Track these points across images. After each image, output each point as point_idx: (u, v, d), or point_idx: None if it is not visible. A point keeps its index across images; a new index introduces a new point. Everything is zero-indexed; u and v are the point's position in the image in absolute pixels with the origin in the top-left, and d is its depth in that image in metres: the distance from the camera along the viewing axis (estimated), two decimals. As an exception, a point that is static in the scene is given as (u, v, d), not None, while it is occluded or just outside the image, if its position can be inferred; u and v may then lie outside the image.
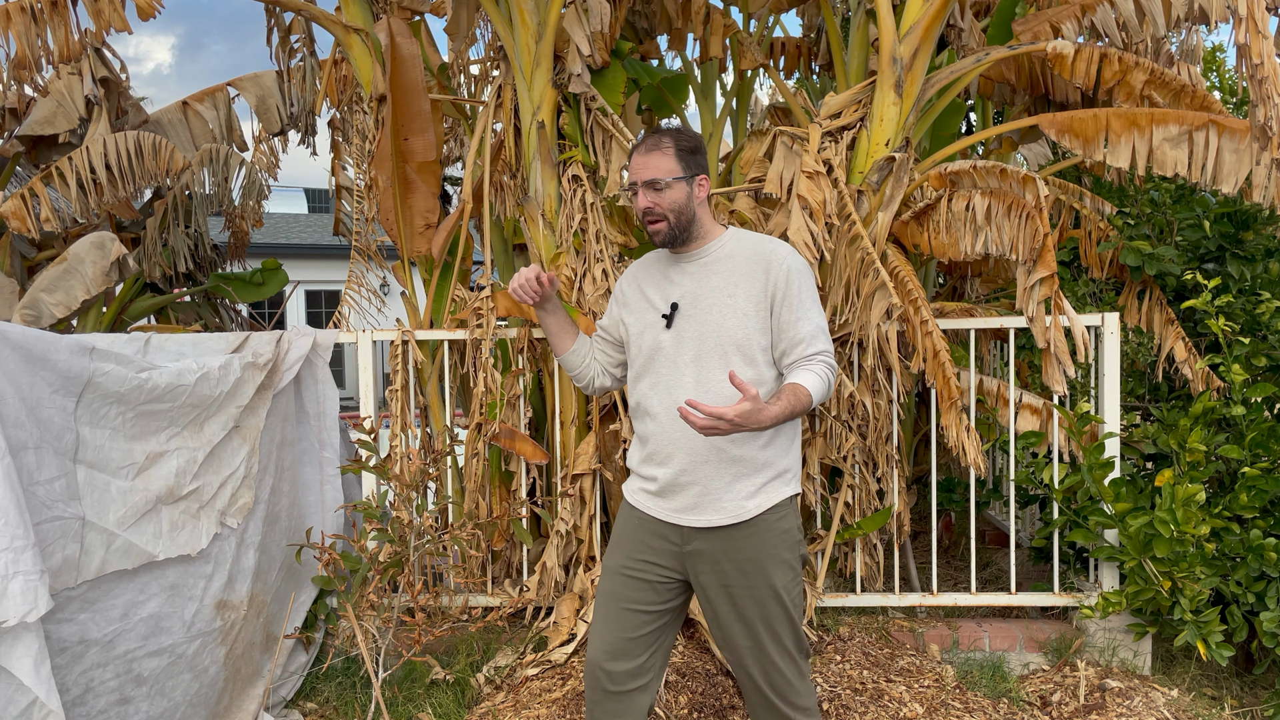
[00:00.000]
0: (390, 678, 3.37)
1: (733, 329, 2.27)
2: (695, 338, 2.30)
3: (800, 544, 2.36)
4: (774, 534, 2.29)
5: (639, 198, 2.31)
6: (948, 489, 4.54)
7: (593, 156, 3.94)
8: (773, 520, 2.29)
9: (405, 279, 4.26)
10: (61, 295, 4.81)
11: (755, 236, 2.37)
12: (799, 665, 2.35)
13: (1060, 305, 3.25)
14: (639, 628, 2.34)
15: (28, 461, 2.35)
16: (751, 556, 2.28)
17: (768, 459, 2.29)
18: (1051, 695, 3.33)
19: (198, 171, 5.47)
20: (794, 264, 2.29)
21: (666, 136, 2.31)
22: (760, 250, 2.32)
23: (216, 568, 2.96)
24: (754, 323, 2.27)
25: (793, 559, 2.32)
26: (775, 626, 2.30)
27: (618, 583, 2.38)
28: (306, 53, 5.14)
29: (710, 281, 2.32)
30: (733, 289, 2.29)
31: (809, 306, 2.29)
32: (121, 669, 2.65)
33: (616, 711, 2.35)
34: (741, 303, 2.28)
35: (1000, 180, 3.48)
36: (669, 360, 2.33)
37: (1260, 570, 3.29)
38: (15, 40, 4.44)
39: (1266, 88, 2.89)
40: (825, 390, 2.25)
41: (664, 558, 2.35)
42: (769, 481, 2.30)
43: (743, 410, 2.04)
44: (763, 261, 2.29)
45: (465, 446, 3.85)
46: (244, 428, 3.14)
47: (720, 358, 2.27)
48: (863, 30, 4.32)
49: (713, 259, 2.34)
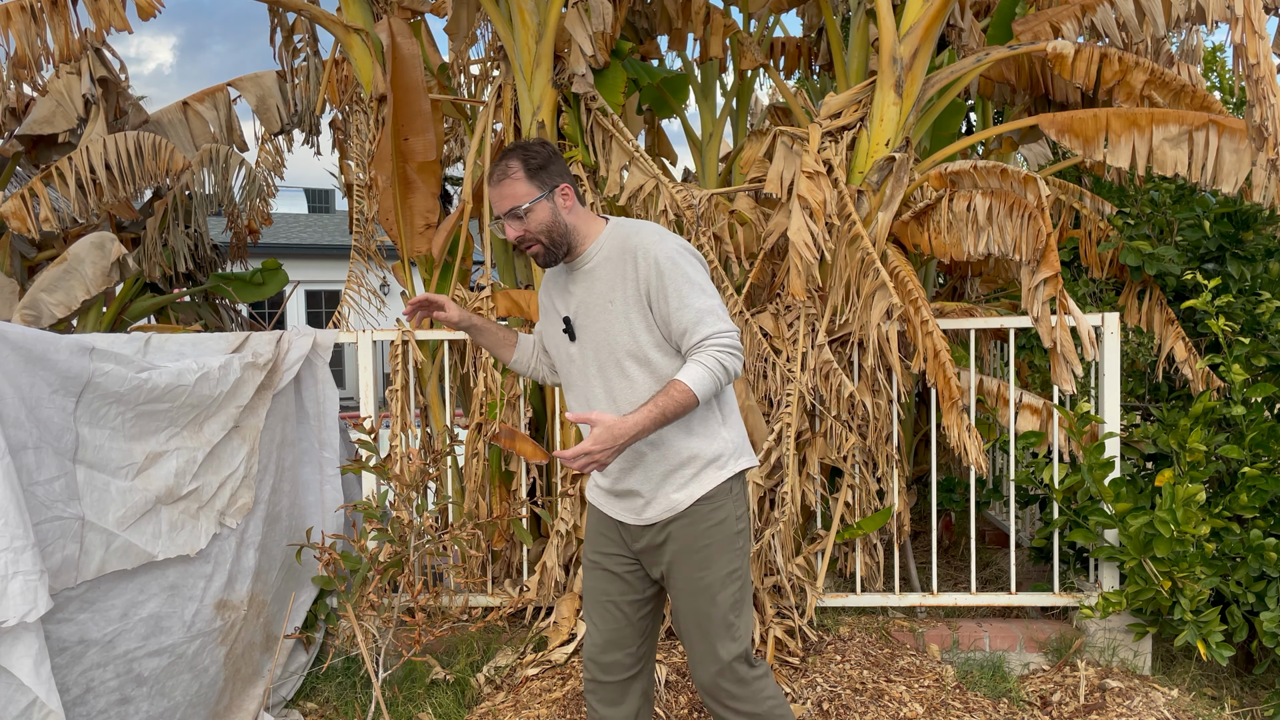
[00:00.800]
0: (390, 678, 3.37)
1: (619, 336, 2.25)
2: (594, 348, 2.30)
3: (739, 535, 2.31)
4: (707, 524, 2.26)
5: (506, 230, 2.27)
6: (948, 489, 4.54)
7: (593, 156, 3.94)
8: (705, 511, 2.26)
9: (405, 279, 4.26)
10: (61, 295, 4.81)
11: (626, 229, 2.28)
12: (735, 671, 2.27)
13: (1065, 305, 3.25)
14: (621, 619, 2.39)
15: (27, 461, 2.35)
16: (684, 547, 2.27)
17: (693, 450, 2.25)
18: (1051, 695, 3.33)
19: (198, 171, 5.47)
20: (660, 251, 2.19)
21: (513, 160, 2.24)
22: (628, 245, 2.24)
23: (216, 568, 2.96)
24: (638, 324, 2.23)
25: (727, 551, 2.28)
26: (706, 626, 2.27)
27: (592, 576, 2.44)
28: (310, 53, 5.14)
29: (595, 289, 2.28)
30: (611, 293, 2.25)
31: (686, 292, 2.17)
32: (121, 669, 2.65)
33: (612, 699, 2.40)
34: (620, 306, 2.24)
35: (1001, 180, 3.48)
36: (580, 371, 2.35)
37: (1260, 570, 3.29)
38: (15, 39, 4.44)
39: (1263, 88, 2.89)
40: (711, 378, 2.15)
41: (623, 549, 2.39)
42: (699, 471, 2.26)
43: (596, 437, 2.06)
44: (630, 257, 2.22)
45: (465, 446, 3.85)
46: (244, 428, 3.14)
47: (616, 367, 2.27)
48: (863, 30, 4.32)
49: (594, 264, 2.29)
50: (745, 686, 2.29)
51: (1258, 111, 2.93)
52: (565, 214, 2.26)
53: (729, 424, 2.33)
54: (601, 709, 2.41)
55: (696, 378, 2.14)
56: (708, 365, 2.16)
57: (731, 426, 2.34)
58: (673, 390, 2.14)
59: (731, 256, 3.85)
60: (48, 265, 4.92)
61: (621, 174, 3.90)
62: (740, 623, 2.30)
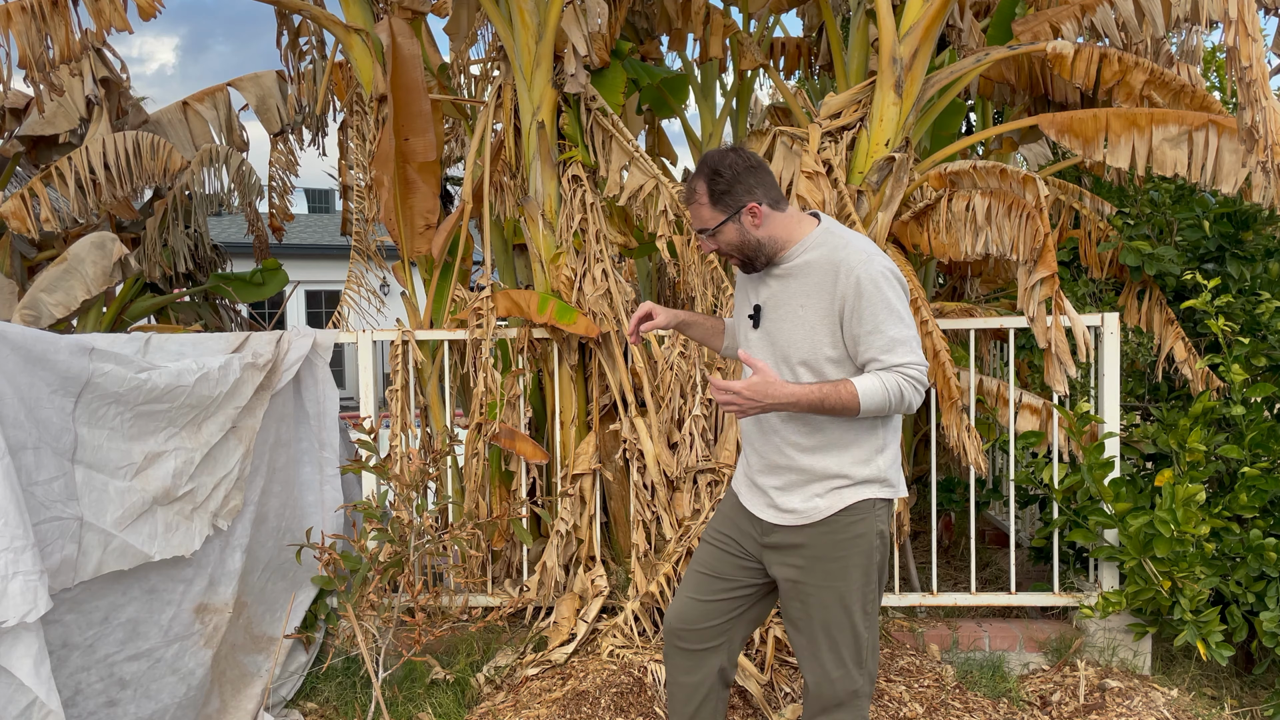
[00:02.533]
0: (390, 678, 3.37)
1: (800, 342, 2.26)
2: (771, 343, 2.33)
3: (877, 550, 2.30)
4: (845, 536, 2.26)
5: (701, 244, 2.35)
6: (948, 489, 4.54)
7: (593, 156, 3.94)
8: (845, 523, 2.26)
9: (405, 279, 4.26)
10: (61, 295, 4.81)
11: (835, 240, 2.27)
12: (853, 681, 2.29)
13: (1061, 305, 3.25)
14: (711, 593, 2.43)
15: (26, 462, 2.35)
16: (820, 555, 2.27)
17: (844, 468, 2.26)
18: (1051, 695, 3.33)
19: (197, 171, 5.47)
20: (864, 273, 2.16)
21: (699, 182, 2.28)
22: (832, 259, 2.22)
23: (197, 572, 2.95)
24: (823, 337, 2.23)
25: (865, 566, 2.28)
26: (834, 633, 2.29)
27: (703, 550, 2.50)
28: (316, 55, 5.14)
29: (790, 289, 2.29)
30: (805, 299, 2.26)
31: (883, 319, 2.16)
32: (104, 672, 2.65)
33: (687, 668, 2.47)
34: (810, 316, 2.24)
35: (1000, 180, 3.47)
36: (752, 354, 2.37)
37: (1260, 570, 3.29)
38: (16, 40, 4.44)
39: (1254, 90, 2.90)
40: (883, 395, 2.14)
41: (747, 541, 2.41)
42: (845, 487, 2.27)
43: (752, 384, 2.10)
44: (832, 272, 2.21)
45: (465, 446, 3.85)
46: (240, 429, 3.13)
47: (788, 366, 2.28)
48: (863, 30, 4.32)
49: (792, 267, 2.30)
50: (857, 701, 2.32)
51: (1249, 114, 2.93)
52: (755, 231, 2.27)
53: (886, 453, 2.30)
54: (676, 675, 2.50)
55: (869, 388, 2.14)
56: (885, 383, 2.15)
57: (888, 456, 2.31)
58: (841, 387, 2.15)
59: (731, 256, 3.85)
60: (48, 265, 4.92)
61: (621, 174, 3.90)
62: (867, 639, 2.31)
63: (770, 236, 2.28)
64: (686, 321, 2.60)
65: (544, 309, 3.65)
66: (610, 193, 3.88)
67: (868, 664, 2.33)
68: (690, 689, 2.47)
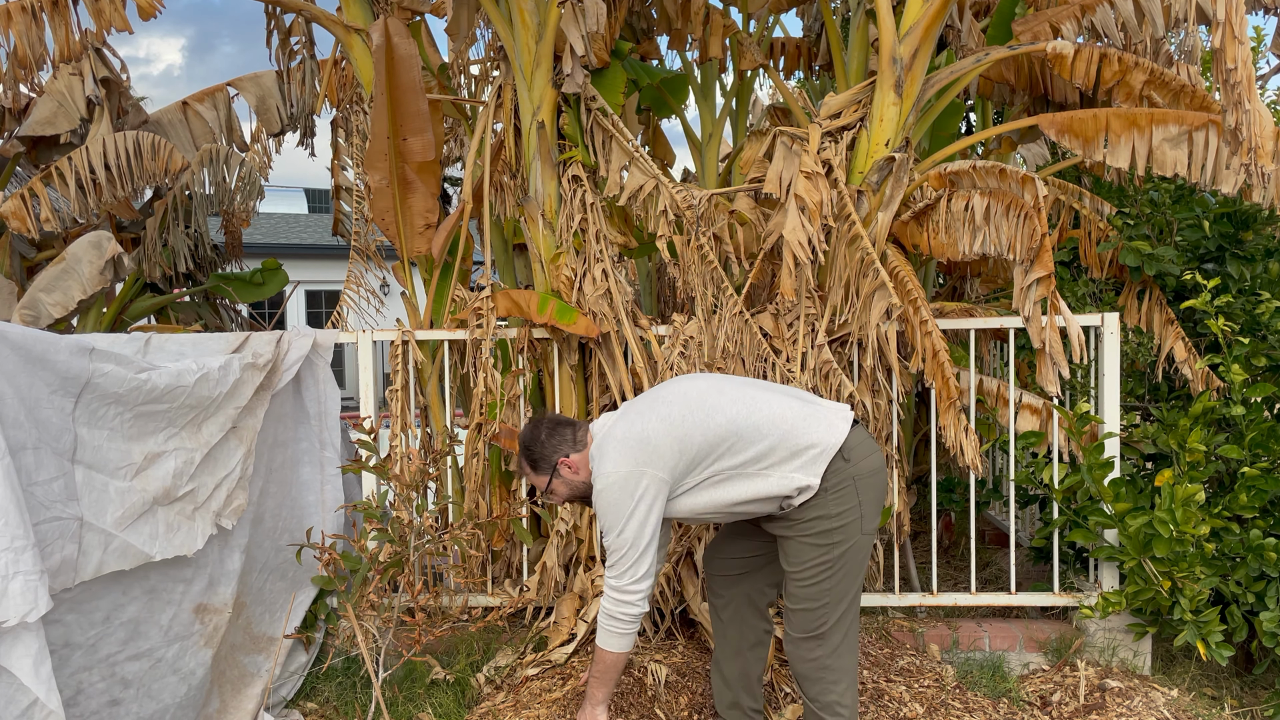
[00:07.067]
0: (390, 678, 3.37)
1: None
2: None
3: (829, 532, 2.58)
4: (802, 520, 2.60)
5: (549, 501, 2.83)
6: (948, 489, 4.54)
7: (593, 157, 3.94)
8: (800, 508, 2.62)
9: (405, 279, 4.26)
10: (59, 295, 4.81)
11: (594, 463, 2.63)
12: (802, 649, 2.61)
13: (1056, 305, 3.24)
14: (742, 529, 2.84)
15: (26, 462, 2.35)
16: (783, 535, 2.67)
17: (775, 496, 2.57)
18: (1051, 695, 3.33)
19: (197, 171, 5.47)
20: (601, 486, 2.54)
21: (521, 460, 2.76)
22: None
23: (197, 572, 2.95)
24: None
25: (818, 541, 2.57)
26: (788, 603, 2.65)
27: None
28: (306, 55, 5.14)
29: None
30: None
31: (611, 523, 2.53)
32: (106, 672, 2.65)
33: (719, 590, 2.91)
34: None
35: (999, 180, 3.47)
36: None
37: (1260, 570, 3.29)
38: (16, 40, 4.44)
39: (1238, 92, 2.90)
40: (609, 634, 2.59)
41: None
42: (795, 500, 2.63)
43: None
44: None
45: (465, 446, 3.85)
46: (241, 429, 3.13)
47: None
48: (863, 30, 4.32)
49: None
50: (826, 673, 2.65)
51: (1233, 116, 2.93)
52: (576, 476, 2.71)
53: (781, 469, 2.55)
54: (712, 599, 2.93)
55: (602, 641, 2.61)
56: (603, 624, 2.60)
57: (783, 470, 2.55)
58: (596, 658, 2.64)
59: (731, 257, 3.86)
60: (47, 265, 4.92)
61: (621, 174, 3.90)
62: (820, 611, 2.64)
63: (584, 478, 2.71)
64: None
65: (544, 309, 3.65)
66: (610, 193, 3.88)
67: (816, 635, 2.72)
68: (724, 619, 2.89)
